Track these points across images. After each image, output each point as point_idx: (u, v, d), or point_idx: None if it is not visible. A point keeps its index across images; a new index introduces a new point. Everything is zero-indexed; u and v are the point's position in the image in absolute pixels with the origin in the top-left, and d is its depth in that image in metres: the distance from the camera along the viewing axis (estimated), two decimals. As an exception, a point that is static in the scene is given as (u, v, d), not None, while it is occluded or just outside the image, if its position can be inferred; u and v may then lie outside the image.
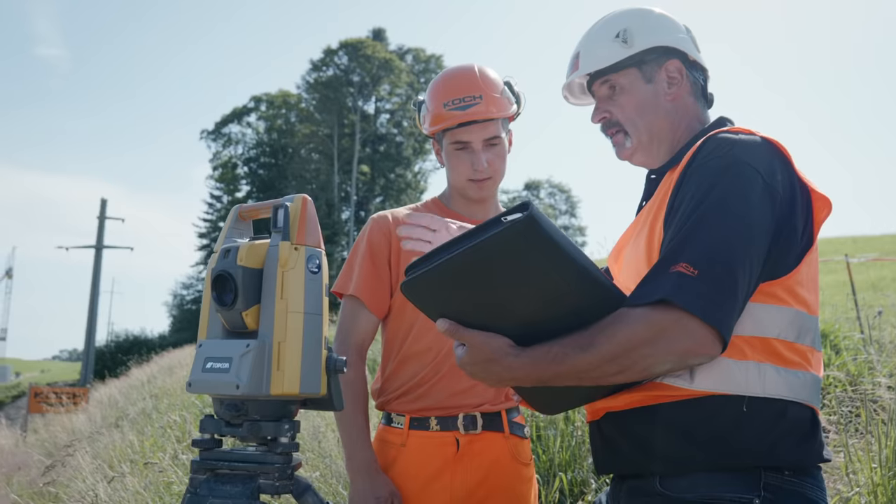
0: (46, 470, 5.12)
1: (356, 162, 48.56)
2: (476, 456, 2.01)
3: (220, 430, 1.28)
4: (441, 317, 1.29)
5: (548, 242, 1.18)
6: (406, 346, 2.08)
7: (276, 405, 1.26)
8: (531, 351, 1.27)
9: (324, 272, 1.30)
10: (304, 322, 1.25)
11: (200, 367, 1.28)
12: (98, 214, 36.35)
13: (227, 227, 1.38)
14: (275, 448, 1.26)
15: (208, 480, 1.26)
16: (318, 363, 1.26)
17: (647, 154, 1.58)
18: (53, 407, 14.39)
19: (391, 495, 1.97)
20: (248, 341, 1.24)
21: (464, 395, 2.02)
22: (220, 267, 1.27)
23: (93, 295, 36.00)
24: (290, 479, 1.26)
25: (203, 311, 1.35)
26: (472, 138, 2.04)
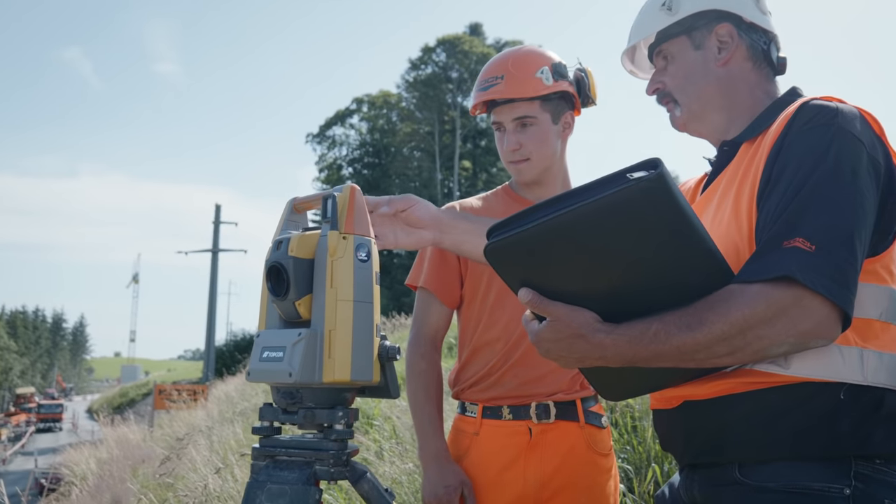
0: (162, 462, 5.40)
1: (457, 158, 48.81)
2: (550, 445, 1.98)
3: (277, 418, 1.31)
4: (523, 286, 1.19)
5: (673, 205, 1.08)
6: (477, 335, 2.08)
7: (329, 393, 1.28)
8: (626, 328, 1.18)
9: (374, 261, 1.31)
10: (353, 310, 1.26)
11: (258, 357, 1.31)
12: (213, 219, 38.00)
13: (283, 219, 1.41)
14: (330, 435, 1.27)
15: (267, 466, 1.29)
16: (370, 351, 1.27)
17: (700, 122, 1.52)
18: (175, 403, 15.15)
19: (461, 484, 1.98)
20: (300, 330, 1.26)
21: (536, 384, 2.00)
22: (273, 258, 1.30)
23: (211, 297, 37.68)
24: (345, 465, 1.27)
25: (261, 303, 1.38)
26: (501, 119, 2.06)
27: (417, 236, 1.61)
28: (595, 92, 2.13)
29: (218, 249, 37.81)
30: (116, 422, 14.28)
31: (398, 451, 4.45)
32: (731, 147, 1.47)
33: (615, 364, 1.23)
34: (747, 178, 1.34)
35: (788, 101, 1.41)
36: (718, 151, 1.52)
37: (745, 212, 1.31)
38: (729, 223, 1.34)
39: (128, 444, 10.68)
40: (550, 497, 1.95)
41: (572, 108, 2.11)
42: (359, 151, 52.12)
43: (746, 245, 1.28)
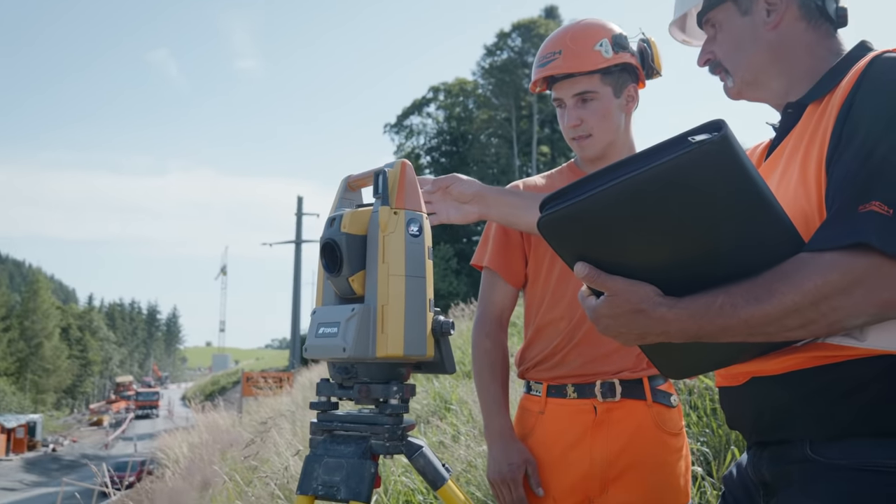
0: (247, 445, 5.56)
1: (535, 143, 48.43)
2: (616, 424, 1.94)
3: (333, 393, 1.32)
4: (579, 260, 1.14)
5: (739, 168, 1.02)
6: (541, 314, 2.06)
7: (384, 368, 1.28)
8: (690, 301, 1.12)
9: (426, 236, 1.30)
10: (405, 285, 1.26)
11: (314, 333, 1.32)
12: (296, 211, 38.86)
13: (337, 197, 1.42)
14: (385, 410, 1.28)
15: (325, 441, 1.31)
16: (423, 325, 1.27)
17: (756, 90, 1.44)
18: (262, 390, 15.59)
19: (524, 462, 1.96)
20: (353, 306, 1.27)
21: (601, 362, 1.97)
22: (327, 235, 1.31)
23: (295, 287, 38.59)
24: (400, 439, 1.28)
25: (317, 280, 1.40)
26: (561, 95, 2.02)
27: (464, 211, 1.71)
28: (660, 63, 2.06)
29: (301, 240, 38.65)
30: (207, 408, 14.78)
31: (473, 434, 4.46)
32: (795, 109, 1.39)
33: (678, 340, 1.18)
34: (815, 140, 1.26)
35: (858, 57, 1.33)
36: (782, 114, 1.44)
37: (814, 177, 1.23)
38: (796, 189, 1.27)
39: (217, 430, 11.05)
40: (617, 476, 1.92)
41: (636, 80, 2.05)
42: (436, 140, 52.29)
43: (816, 212, 1.21)
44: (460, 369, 7.07)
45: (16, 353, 68.43)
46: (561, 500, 1.94)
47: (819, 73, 1.38)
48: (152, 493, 6.36)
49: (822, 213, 1.19)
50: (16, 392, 63.39)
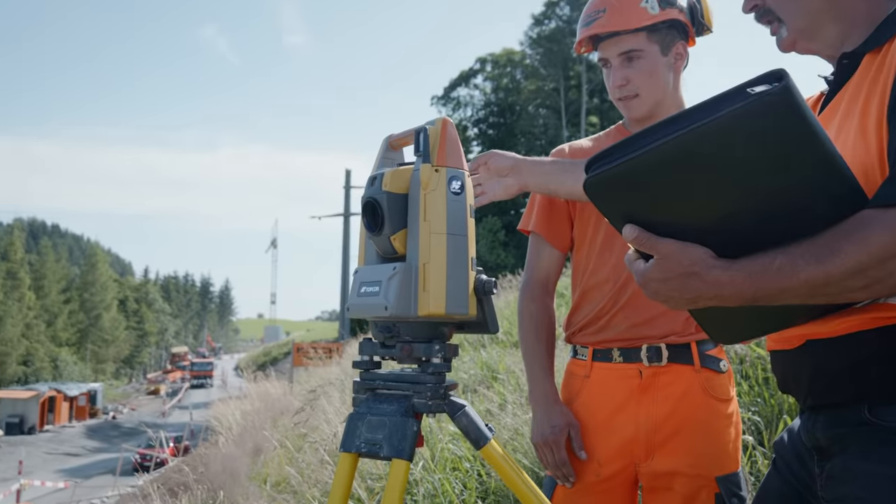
0: (297, 413, 5.66)
1: (584, 114, 47.81)
2: (662, 389, 1.91)
3: (375, 352, 1.32)
4: (627, 222, 1.09)
5: (801, 121, 0.97)
6: (586, 278, 2.04)
7: (426, 327, 1.27)
8: (746, 263, 1.07)
9: (468, 193, 1.29)
10: (447, 243, 1.25)
11: (356, 292, 1.32)
12: (344, 184, 39.08)
13: (378, 157, 1.41)
14: (427, 369, 1.27)
15: (367, 399, 1.31)
16: (465, 284, 1.26)
17: (810, 40, 1.36)
18: (312, 360, 15.84)
19: (568, 425, 1.95)
20: (395, 264, 1.26)
21: (646, 327, 1.94)
22: (368, 194, 1.30)
23: (344, 259, 38.93)
24: (443, 398, 1.27)
25: (359, 240, 1.39)
26: (607, 54, 1.96)
27: (505, 185, 1.73)
28: (710, 18, 1.99)
29: (349, 213, 38.90)
30: (259, 378, 15.08)
31: (520, 402, 4.47)
32: (851, 59, 1.32)
33: (732, 303, 1.13)
34: (874, 91, 1.20)
35: None
36: (837, 66, 1.37)
37: (874, 129, 1.17)
38: (855, 143, 1.21)
39: (269, 398, 11.27)
40: (664, 441, 1.89)
41: (685, 37, 1.99)
42: (483, 112, 51.96)
43: (877, 166, 1.15)
44: (507, 339, 7.07)
45: (76, 324, 70.68)
46: (605, 464, 1.93)
47: (876, 20, 1.31)
48: (206, 459, 6.53)
49: (884, 167, 1.13)
50: (77, 362, 65.60)
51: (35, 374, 57.44)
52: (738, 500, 1.87)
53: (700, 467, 1.87)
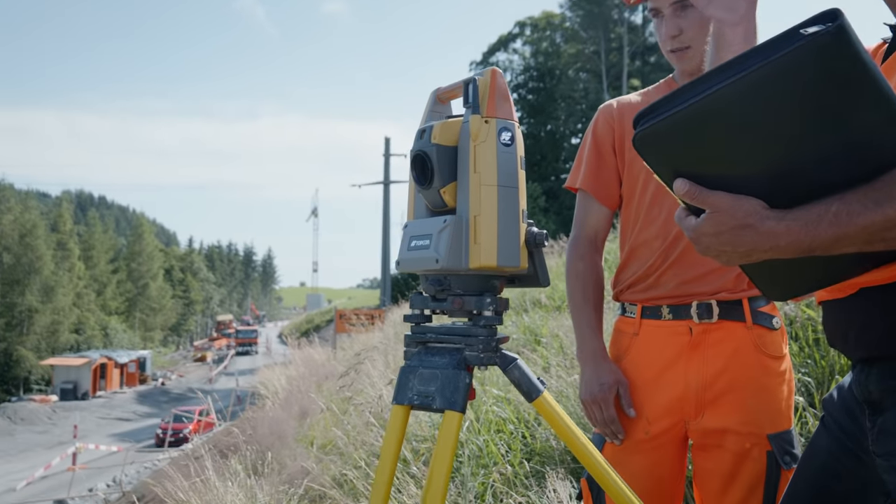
0: (342, 376, 5.73)
1: (626, 77, 47.02)
2: (712, 346, 1.88)
3: (426, 305, 1.32)
4: (678, 177, 1.06)
5: (856, 62, 0.92)
6: (635, 235, 2.01)
7: (477, 279, 1.27)
8: (801, 212, 1.04)
9: (518, 145, 1.27)
10: (497, 195, 1.23)
11: (406, 247, 1.32)
12: (383, 152, 39.12)
13: (426, 110, 1.40)
14: (479, 322, 1.27)
15: (419, 352, 1.31)
16: (516, 236, 1.25)
17: None
18: (355, 327, 16.00)
19: (616, 382, 1.93)
20: (445, 217, 1.25)
21: (697, 283, 1.91)
22: (417, 147, 1.29)
23: (384, 227, 39.12)
24: (494, 351, 1.27)
25: (408, 194, 1.39)
26: (658, 4, 1.92)
27: None
28: None
29: (389, 181, 38.99)
30: (303, 344, 15.28)
31: (564, 365, 4.46)
32: None
33: (788, 255, 1.10)
34: None
35: None
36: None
37: None
38: None
39: (313, 364, 11.43)
40: (714, 399, 1.87)
41: None
42: (523, 77, 51.36)
43: None
44: (549, 303, 7.06)
45: (125, 293, 72.32)
46: (654, 421, 1.92)
47: None
48: (254, 422, 6.66)
49: None
50: (126, 330, 67.25)
51: (87, 341, 59.07)
52: (790, 457, 1.85)
53: (752, 425, 1.85)
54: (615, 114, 2.06)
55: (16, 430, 35.43)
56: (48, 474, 25.56)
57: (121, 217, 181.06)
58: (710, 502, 1.92)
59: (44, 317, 54.85)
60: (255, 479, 4.65)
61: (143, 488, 7.19)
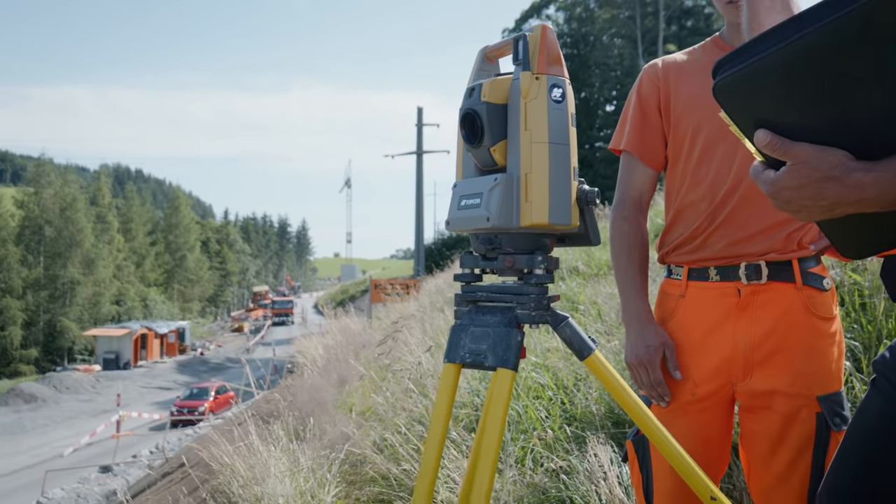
0: (380, 343, 5.77)
1: (661, 42, 46.16)
2: (761, 307, 1.86)
3: (477, 265, 1.32)
4: (758, 128, 1.02)
5: None
6: (681, 196, 1.98)
7: (528, 238, 1.26)
8: (889, 163, 1.00)
9: (569, 101, 1.26)
10: (549, 152, 1.22)
11: (456, 206, 1.32)
12: (416, 122, 38.99)
13: (474, 69, 1.38)
14: (530, 280, 1.27)
15: (470, 311, 1.31)
16: (568, 194, 1.24)
17: None
18: (390, 296, 16.10)
19: (662, 345, 1.92)
20: (496, 175, 1.25)
21: (745, 244, 1.88)
22: (466, 106, 1.28)
23: (418, 198, 39.13)
24: (546, 309, 1.27)
25: (457, 153, 1.38)
26: None
27: None
28: None
29: (422, 151, 38.90)
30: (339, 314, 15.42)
31: (602, 331, 4.45)
32: None
33: (873, 208, 1.04)
34: None
35: None
36: None
37: None
38: None
39: (350, 333, 11.53)
40: (762, 360, 1.85)
41: None
42: (556, 43, 50.61)
43: None
44: (588, 270, 7.02)
45: (163, 265, 73.51)
46: (701, 383, 1.90)
47: None
48: (294, 390, 6.76)
49: None
50: (165, 301, 68.45)
51: (127, 312, 60.27)
52: (840, 419, 1.83)
53: (801, 386, 1.83)
54: (660, 73, 2.02)
55: (61, 398, 36.43)
56: (93, 441, 26.27)
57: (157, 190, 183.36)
58: (757, 464, 1.91)
59: (85, 288, 56.04)
60: (297, 444, 4.73)
61: (188, 453, 7.35)
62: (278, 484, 3.83)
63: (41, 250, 55.87)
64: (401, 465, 3.77)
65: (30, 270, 54.36)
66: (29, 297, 53.77)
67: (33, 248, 55.74)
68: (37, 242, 55.82)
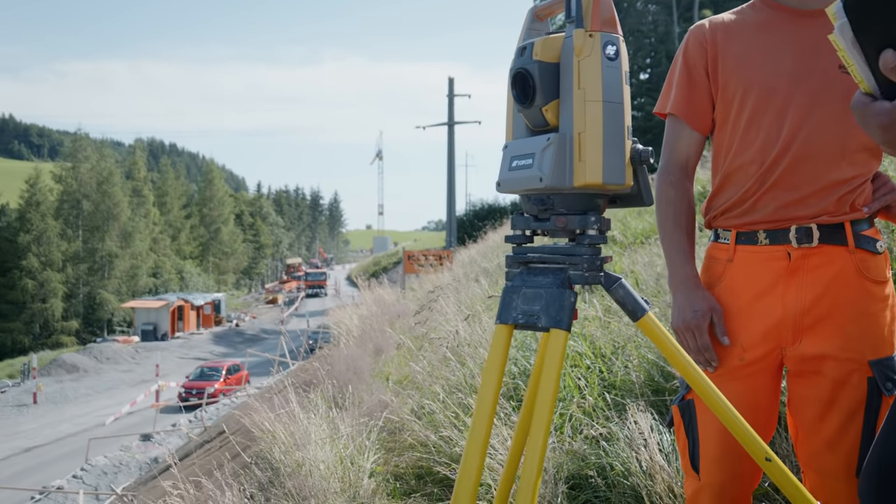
0: (416, 313, 5.80)
1: (697, 7, 45.22)
2: (812, 271, 1.83)
3: (528, 226, 1.31)
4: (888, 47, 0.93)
5: None
6: (729, 160, 1.94)
7: (580, 198, 1.25)
8: None
9: (622, 59, 1.24)
10: (603, 111, 1.21)
11: (507, 167, 1.31)
12: (447, 93, 38.79)
13: (524, 29, 1.36)
14: (583, 241, 1.26)
15: (521, 273, 1.31)
16: (621, 153, 1.22)
17: None
18: (423, 267, 16.15)
19: (710, 310, 1.90)
20: (548, 135, 1.23)
21: (796, 206, 1.84)
22: (517, 65, 1.27)
23: (449, 169, 39.05)
24: (599, 270, 1.26)
25: (507, 114, 1.37)
26: None
27: None
28: None
29: (453, 122, 38.74)
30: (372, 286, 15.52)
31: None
32: None
33: None
34: None
35: None
36: None
37: None
38: None
39: (384, 303, 11.60)
40: (813, 325, 1.82)
41: None
42: (588, 11, 49.83)
43: None
44: (624, 240, 6.98)
45: (198, 238, 74.45)
46: (749, 348, 1.88)
47: None
48: (331, 359, 6.83)
49: None
50: (200, 273, 69.44)
51: (164, 285, 61.26)
52: (892, 384, 1.80)
53: (852, 350, 1.81)
54: (707, 34, 1.98)
55: (102, 368, 37.27)
56: (134, 410, 26.86)
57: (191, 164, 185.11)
58: (806, 429, 1.89)
59: (123, 261, 57.00)
60: (336, 412, 4.79)
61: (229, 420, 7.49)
62: (319, 450, 3.88)
63: (79, 224, 56.86)
64: (439, 431, 3.80)
65: (69, 244, 55.40)
66: (69, 270, 54.87)
67: (72, 222, 56.74)
68: (75, 216, 56.80)
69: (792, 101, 1.85)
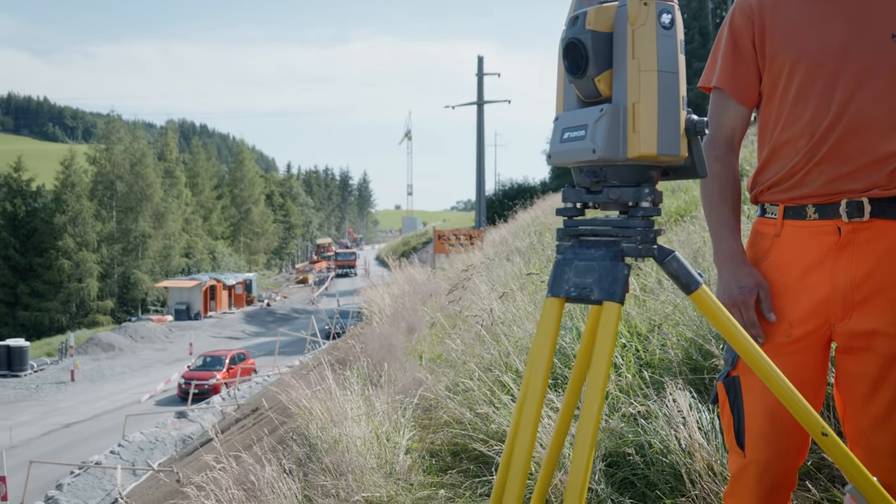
0: (449, 291, 5.81)
1: (730, -17, 44.43)
2: (862, 245, 1.79)
3: (580, 198, 1.30)
4: None
5: None
6: (777, 133, 1.91)
7: (634, 170, 1.24)
8: None
9: (678, 28, 1.21)
10: (657, 81, 1.19)
11: (558, 139, 1.29)
12: (476, 72, 38.55)
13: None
14: (636, 213, 1.24)
15: (573, 246, 1.30)
16: (676, 123, 1.20)
17: None
18: (454, 247, 16.15)
19: (756, 286, 1.87)
20: (601, 106, 1.22)
21: (847, 180, 1.81)
22: (570, 35, 1.25)
23: (479, 148, 38.89)
24: (652, 243, 1.25)
25: (557, 85, 1.35)
26: None
27: None
28: None
29: (483, 101, 38.53)
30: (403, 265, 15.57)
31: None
32: None
33: None
34: None
35: None
36: None
37: None
38: None
39: (415, 282, 11.64)
40: (863, 300, 1.79)
41: None
42: (620, -13, 49.13)
43: None
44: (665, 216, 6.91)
45: (229, 218, 75.12)
46: (797, 324, 1.86)
47: None
48: (364, 337, 6.88)
49: None
50: (232, 254, 70.13)
51: (196, 265, 61.98)
52: (944, 361, 1.77)
53: None
54: (755, 5, 1.93)
55: (136, 347, 37.90)
56: (168, 388, 27.30)
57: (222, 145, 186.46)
58: (854, 406, 1.87)
59: (156, 242, 57.74)
60: (371, 389, 4.82)
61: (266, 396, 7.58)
62: (355, 427, 3.92)
63: (113, 205, 57.65)
64: (475, 409, 3.81)
65: (103, 224, 56.22)
66: (104, 251, 55.72)
67: (106, 203, 57.53)
68: (109, 197, 57.58)
69: (841, 73, 1.81)
